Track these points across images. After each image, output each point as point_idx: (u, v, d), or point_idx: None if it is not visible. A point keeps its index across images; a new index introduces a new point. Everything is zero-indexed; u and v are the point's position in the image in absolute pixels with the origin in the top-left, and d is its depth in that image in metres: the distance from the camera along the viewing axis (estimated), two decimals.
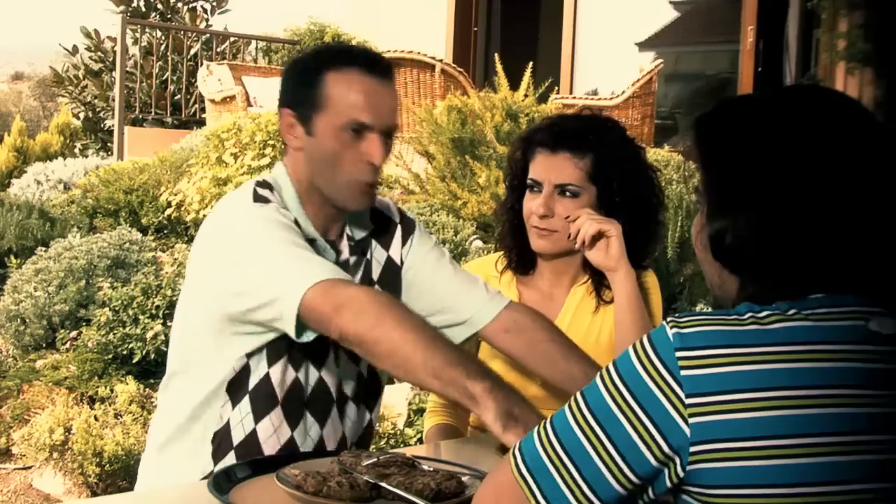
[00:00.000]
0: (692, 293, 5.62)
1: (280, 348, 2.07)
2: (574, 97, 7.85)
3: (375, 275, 2.26)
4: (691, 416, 1.22)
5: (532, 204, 2.45)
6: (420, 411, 4.94)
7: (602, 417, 1.25)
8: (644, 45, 9.89)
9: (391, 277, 2.28)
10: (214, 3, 13.12)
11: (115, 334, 5.78)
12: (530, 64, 6.72)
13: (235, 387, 2.11)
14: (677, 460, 1.23)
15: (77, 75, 12.80)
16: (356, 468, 1.67)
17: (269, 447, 2.10)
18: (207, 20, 13.02)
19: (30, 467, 5.53)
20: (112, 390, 5.55)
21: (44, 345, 6.24)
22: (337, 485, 1.60)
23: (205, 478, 2.04)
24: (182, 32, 12.00)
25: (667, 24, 9.94)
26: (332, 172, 2.09)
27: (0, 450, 5.79)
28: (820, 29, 7.24)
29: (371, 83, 2.07)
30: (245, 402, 2.10)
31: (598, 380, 1.28)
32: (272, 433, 2.11)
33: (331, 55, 2.12)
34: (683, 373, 1.23)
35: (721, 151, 1.36)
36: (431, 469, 1.74)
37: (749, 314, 1.27)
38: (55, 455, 5.20)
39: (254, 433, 2.10)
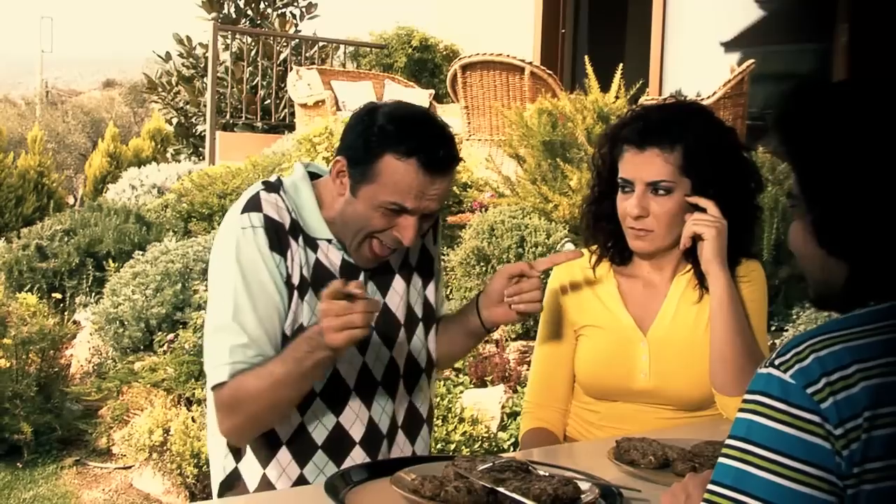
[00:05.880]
0: (788, 296, 5.52)
1: None
2: (664, 99, 7.76)
3: (413, 261, 2.33)
4: (843, 447, 1.17)
5: (626, 205, 2.39)
6: (513, 415, 4.92)
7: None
8: (730, 45, 9.76)
9: (426, 265, 2.36)
10: (304, 9, 13.25)
11: None
12: (620, 65, 6.67)
13: None
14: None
15: (170, 81, 13.02)
16: (471, 473, 1.68)
17: (318, 435, 2.15)
18: (296, 25, 13.14)
19: (130, 467, 5.64)
20: None
21: (142, 347, 6.35)
22: (455, 489, 1.61)
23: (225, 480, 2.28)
24: (272, 38, 12.13)
25: (753, 22, 9.80)
26: (355, 234, 2.13)
27: (101, 449, 5.92)
28: None
29: (425, 179, 2.05)
30: None
31: (735, 463, 1.22)
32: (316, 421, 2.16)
33: (396, 136, 2.06)
34: (823, 405, 1.18)
35: (812, 144, 1.31)
36: (547, 474, 1.73)
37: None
38: (154, 455, 5.30)
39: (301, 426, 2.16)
